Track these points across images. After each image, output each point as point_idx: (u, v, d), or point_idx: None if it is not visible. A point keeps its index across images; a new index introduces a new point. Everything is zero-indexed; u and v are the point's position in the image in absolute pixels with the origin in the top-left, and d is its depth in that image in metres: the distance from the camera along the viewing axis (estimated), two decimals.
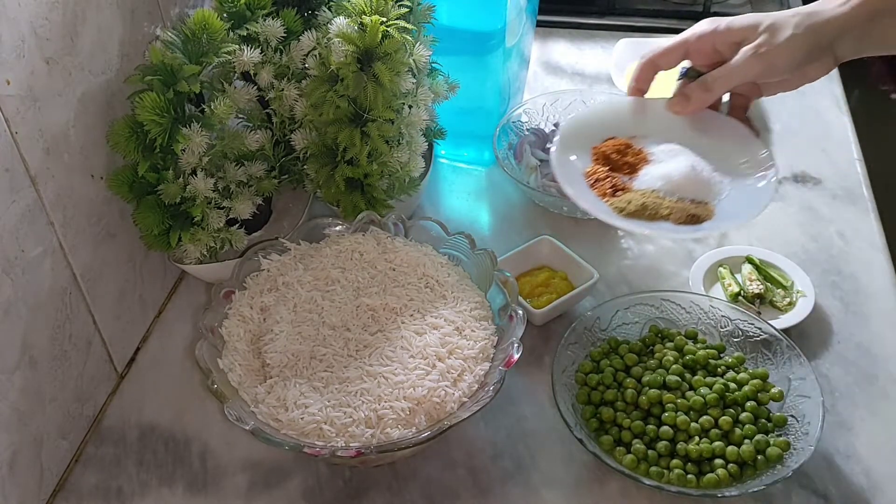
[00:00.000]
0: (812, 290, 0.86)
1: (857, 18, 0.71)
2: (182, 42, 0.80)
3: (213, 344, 0.74)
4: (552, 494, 0.73)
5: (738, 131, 0.81)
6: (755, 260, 0.90)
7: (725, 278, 0.89)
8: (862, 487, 0.72)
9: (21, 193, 0.67)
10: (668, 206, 0.77)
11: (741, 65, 0.75)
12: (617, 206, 0.77)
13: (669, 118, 0.82)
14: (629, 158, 0.81)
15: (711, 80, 0.77)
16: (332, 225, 0.84)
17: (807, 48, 0.73)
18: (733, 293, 0.87)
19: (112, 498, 0.75)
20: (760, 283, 0.87)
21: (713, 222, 0.76)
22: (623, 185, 0.79)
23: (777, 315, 0.85)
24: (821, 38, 0.72)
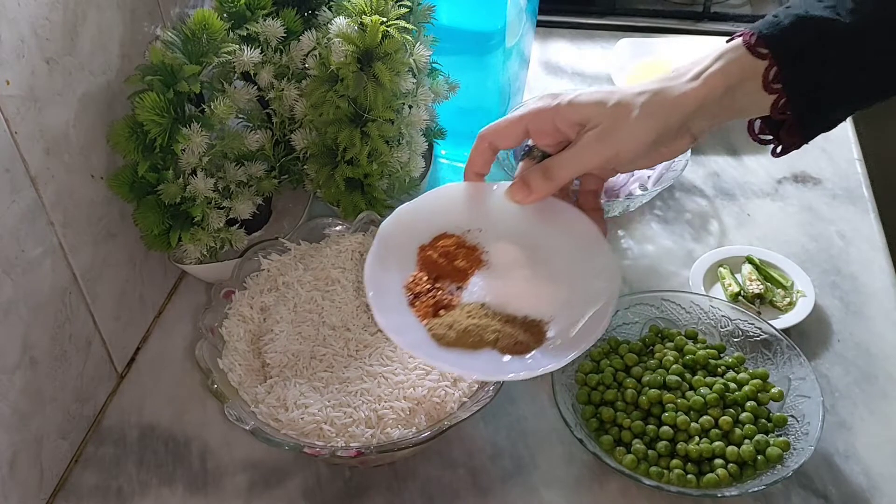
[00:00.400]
0: (812, 290, 0.86)
1: (712, 94, 0.63)
2: (182, 42, 0.80)
3: (213, 344, 0.74)
4: (552, 494, 0.73)
5: (583, 228, 0.70)
6: (755, 260, 0.90)
7: (725, 278, 0.89)
8: (862, 487, 0.72)
9: (21, 193, 0.67)
10: (496, 329, 0.65)
11: (585, 151, 0.66)
12: (437, 332, 0.65)
13: (509, 207, 0.70)
14: (460, 263, 0.70)
15: (553, 167, 0.67)
16: (332, 225, 0.84)
17: (656, 132, 0.64)
18: (733, 293, 0.87)
19: (112, 498, 0.75)
20: (760, 283, 0.87)
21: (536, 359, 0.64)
22: (448, 300, 0.68)
23: (777, 315, 0.85)
24: (671, 119, 0.64)
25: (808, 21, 0.61)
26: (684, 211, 1.00)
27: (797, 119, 0.64)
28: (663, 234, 0.97)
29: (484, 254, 0.71)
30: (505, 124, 0.70)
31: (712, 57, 0.64)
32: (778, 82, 0.62)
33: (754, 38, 0.62)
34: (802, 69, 0.62)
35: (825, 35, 0.61)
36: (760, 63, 0.62)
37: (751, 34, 0.63)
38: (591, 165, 0.67)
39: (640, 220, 0.99)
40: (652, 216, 1.00)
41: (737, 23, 1.33)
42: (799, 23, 0.61)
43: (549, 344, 0.65)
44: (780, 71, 0.62)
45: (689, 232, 0.97)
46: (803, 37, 0.61)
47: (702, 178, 1.05)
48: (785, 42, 0.61)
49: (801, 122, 0.64)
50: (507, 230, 0.71)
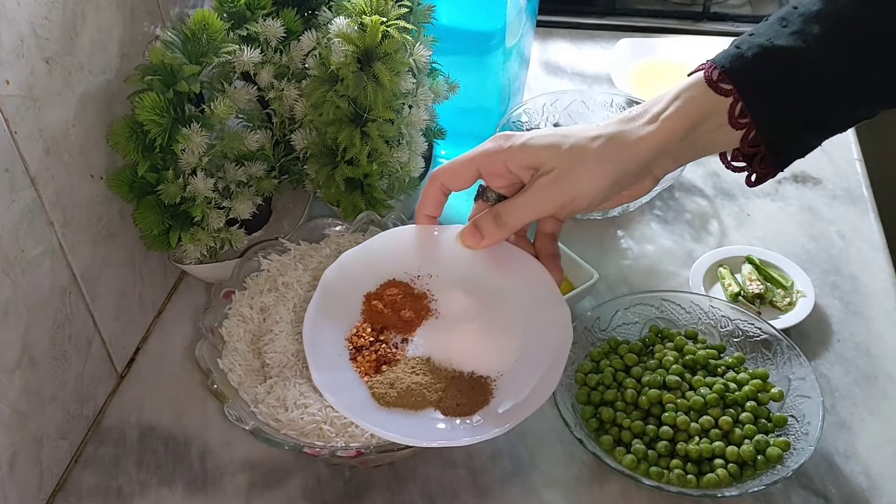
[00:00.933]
0: (812, 290, 0.86)
1: (672, 137, 0.61)
2: (182, 42, 0.80)
3: (213, 344, 0.74)
4: (552, 494, 0.73)
5: (536, 276, 0.68)
6: (755, 260, 0.90)
7: (725, 278, 0.89)
8: (862, 487, 0.72)
9: (21, 193, 0.67)
10: (439, 388, 0.64)
11: (537, 198, 0.63)
12: (377, 390, 0.64)
13: (463, 252, 0.68)
14: (406, 313, 0.68)
15: (504, 213, 0.65)
16: (332, 225, 0.84)
17: (613, 177, 0.62)
18: (733, 293, 0.87)
19: (112, 498, 0.75)
20: (760, 283, 0.87)
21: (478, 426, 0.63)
22: (392, 353, 0.66)
23: (777, 315, 0.85)
24: (629, 164, 0.62)
25: (773, 52, 0.58)
26: (684, 211, 1.00)
27: (769, 150, 0.61)
28: (663, 234, 0.97)
29: (432, 302, 0.69)
30: (456, 166, 0.67)
31: (670, 96, 0.62)
32: (745, 117, 0.60)
33: (717, 73, 0.60)
34: (771, 102, 0.59)
35: (792, 65, 0.58)
36: (724, 100, 0.60)
37: (712, 68, 0.60)
38: (544, 211, 0.65)
39: (640, 220, 0.99)
40: (652, 216, 1.00)
41: (737, 23, 1.33)
42: (764, 54, 0.59)
43: (494, 405, 0.63)
44: (746, 105, 0.59)
45: (689, 232, 0.97)
46: (769, 69, 0.59)
47: (702, 178, 1.05)
48: (750, 75, 0.59)
49: (774, 153, 0.61)
50: (459, 276, 0.69)
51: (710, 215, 1.00)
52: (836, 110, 0.60)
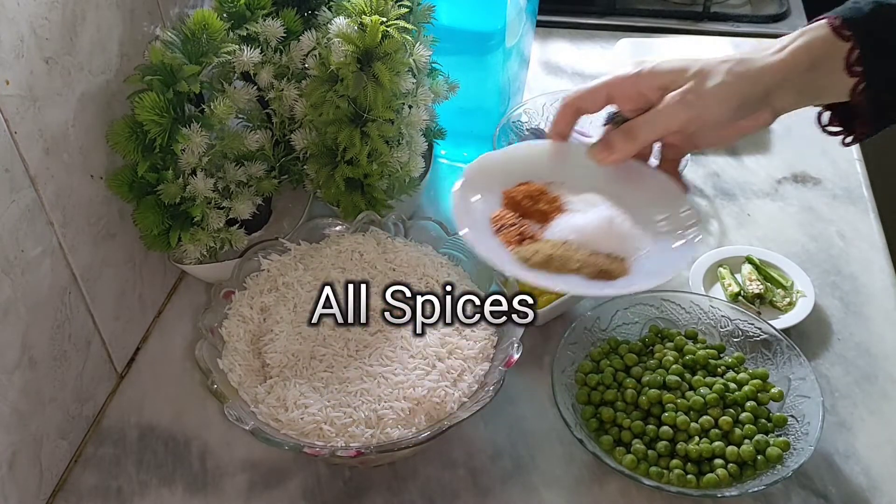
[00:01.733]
0: (812, 289, 0.86)
1: (795, 67, 0.65)
2: (182, 42, 0.80)
3: (213, 344, 0.74)
4: (552, 494, 0.73)
5: (663, 185, 0.73)
6: (755, 260, 0.90)
7: (725, 278, 0.89)
8: (862, 487, 0.72)
9: (21, 193, 0.67)
10: (580, 259, 0.68)
11: (666, 112, 0.67)
12: (522, 255, 0.68)
13: (591, 166, 0.72)
14: (542, 206, 0.72)
15: (635, 127, 0.69)
16: (332, 225, 0.84)
17: (738, 98, 0.66)
18: (733, 293, 0.87)
19: (112, 498, 0.75)
20: (760, 283, 0.87)
21: (626, 280, 0.68)
22: (532, 233, 0.70)
23: (777, 315, 0.85)
24: (754, 87, 0.65)
25: (886, 9, 0.63)
26: None
27: (872, 106, 0.65)
28: None
29: (566, 203, 0.73)
30: (589, 89, 0.72)
31: (796, 33, 0.66)
32: (859, 65, 0.63)
33: (838, 21, 0.64)
34: (882, 55, 0.63)
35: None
36: (843, 44, 0.63)
37: (833, 17, 0.64)
38: (672, 126, 0.68)
39: None
40: None
41: (737, 23, 1.33)
42: (878, 9, 0.63)
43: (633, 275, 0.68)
44: (862, 55, 0.63)
45: None
46: (882, 23, 0.63)
47: (702, 178, 1.05)
48: (866, 27, 0.63)
49: (876, 110, 0.65)
50: (588, 185, 0.73)
51: (710, 215, 1.00)
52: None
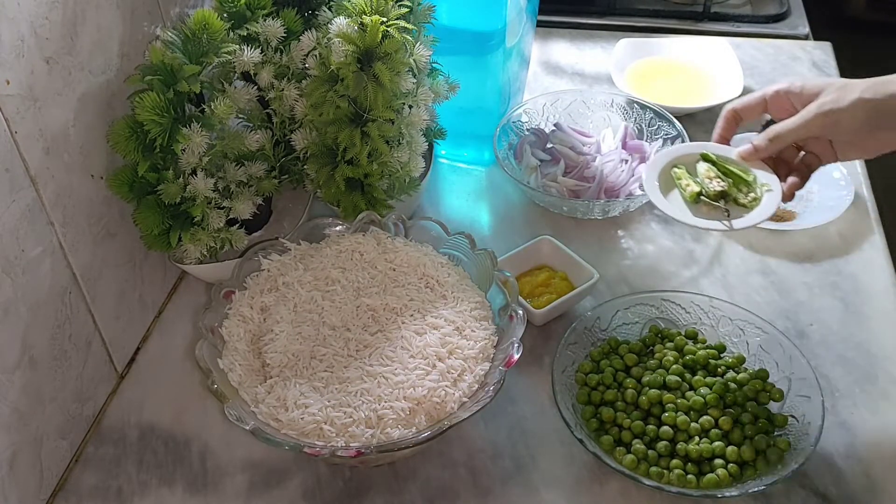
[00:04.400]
0: (778, 184, 0.81)
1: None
2: (182, 42, 0.80)
3: (213, 344, 0.74)
4: (552, 494, 0.73)
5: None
6: (711, 156, 0.83)
7: (682, 178, 0.83)
8: (862, 487, 0.72)
9: (21, 193, 0.67)
10: None
11: (804, 119, 0.76)
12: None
13: None
14: None
15: (778, 130, 0.79)
16: (333, 225, 0.84)
17: (871, 112, 0.73)
18: (693, 194, 0.81)
19: (112, 498, 0.75)
20: (721, 179, 0.81)
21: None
22: None
23: (743, 213, 0.80)
24: (889, 105, 0.72)
25: None
26: None
27: None
28: (663, 234, 0.97)
29: None
30: (750, 99, 0.82)
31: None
32: None
33: None
34: None
35: None
36: None
37: None
38: (808, 131, 0.76)
39: (640, 220, 0.99)
40: (652, 216, 1.00)
41: (737, 23, 1.33)
42: None
43: None
44: None
45: (689, 232, 0.97)
46: None
47: None
48: None
49: None
50: None
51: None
52: None
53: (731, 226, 0.80)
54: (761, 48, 1.27)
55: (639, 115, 1.05)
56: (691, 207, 0.81)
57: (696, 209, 0.81)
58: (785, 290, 0.90)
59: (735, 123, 0.83)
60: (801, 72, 1.22)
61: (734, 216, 0.80)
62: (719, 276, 0.92)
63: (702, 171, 0.83)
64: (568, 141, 1.04)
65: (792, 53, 1.26)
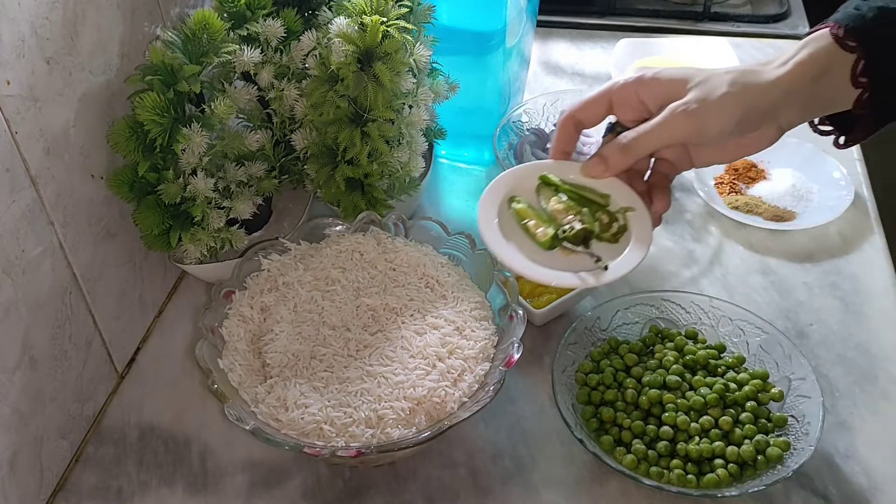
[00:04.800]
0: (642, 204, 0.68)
1: (800, 81, 0.63)
2: (182, 42, 0.80)
3: (213, 344, 0.74)
4: (552, 494, 0.73)
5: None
6: (552, 178, 0.69)
7: (528, 218, 0.68)
8: (862, 487, 0.72)
9: (21, 193, 0.67)
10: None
11: (667, 123, 0.64)
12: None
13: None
14: None
15: (631, 139, 0.66)
16: (333, 225, 0.84)
17: (742, 111, 0.63)
18: (548, 239, 0.66)
19: (112, 498, 0.75)
20: (578, 213, 0.67)
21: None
22: None
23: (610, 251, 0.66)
24: (759, 101, 0.63)
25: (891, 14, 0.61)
26: (684, 211, 1.00)
27: (875, 113, 0.63)
28: (663, 234, 0.97)
29: None
30: (588, 99, 0.69)
31: (798, 45, 0.64)
32: (865, 76, 0.62)
33: (841, 31, 0.61)
34: (886, 63, 0.61)
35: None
36: (848, 55, 0.61)
37: (836, 26, 0.62)
38: (671, 139, 0.65)
39: None
40: None
41: (737, 23, 1.33)
42: (882, 16, 0.61)
43: None
44: (868, 65, 0.61)
45: (689, 232, 0.97)
46: (888, 30, 0.61)
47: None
48: (873, 36, 0.61)
49: (879, 116, 0.64)
50: None
51: (710, 215, 0.99)
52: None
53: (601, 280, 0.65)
54: (761, 48, 1.27)
55: None
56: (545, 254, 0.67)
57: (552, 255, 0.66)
58: (785, 290, 0.90)
59: (576, 132, 0.70)
60: None
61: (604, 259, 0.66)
62: (719, 276, 0.92)
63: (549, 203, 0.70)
64: None
65: None
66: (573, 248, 0.66)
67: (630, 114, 0.68)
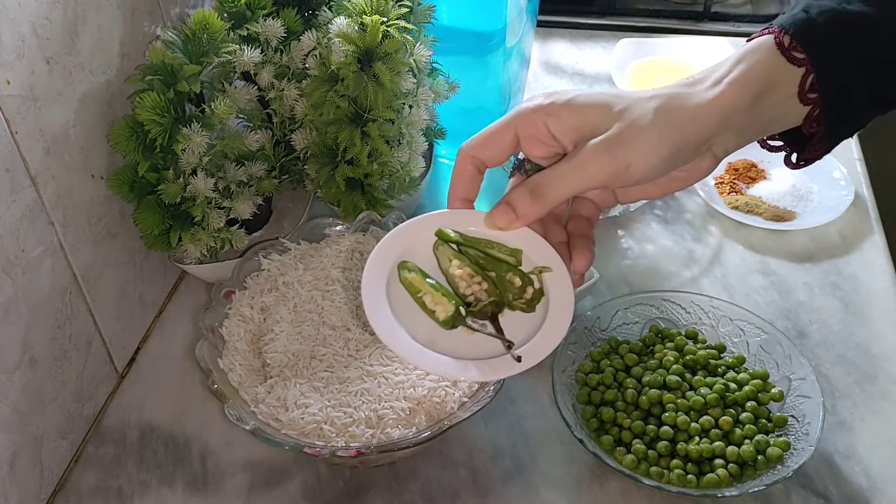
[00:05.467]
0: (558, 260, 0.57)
1: (736, 103, 0.53)
2: (182, 42, 0.80)
3: (213, 344, 0.74)
4: (552, 494, 0.73)
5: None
6: (448, 234, 0.58)
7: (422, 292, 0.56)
8: (862, 487, 0.72)
9: (21, 193, 0.67)
10: None
11: (584, 165, 0.53)
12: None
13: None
14: None
15: (544, 184, 0.54)
16: (333, 225, 0.84)
17: (673, 144, 0.53)
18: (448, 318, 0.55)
19: (112, 498, 0.75)
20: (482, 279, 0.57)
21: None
22: None
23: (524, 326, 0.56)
24: (690, 131, 0.53)
25: (845, 18, 0.51)
26: (684, 211, 1.00)
27: (827, 130, 0.54)
28: (663, 234, 0.97)
29: None
30: (489, 133, 0.57)
31: (734, 59, 0.54)
32: (814, 92, 0.52)
33: (787, 39, 0.52)
34: (840, 76, 0.52)
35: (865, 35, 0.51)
36: (795, 70, 0.52)
37: (781, 32, 0.52)
38: (593, 181, 0.54)
39: (640, 220, 0.99)
40: (652, 216, 1.00)
41: (737, 23, 1.33)
42: (835, 21, 0.52)
43: None
44: (818, 79, 0.52)
45: (689, 232, 0.97)
46: (842, 39, 0.52)
47: None
48: (824, 45, 0.52)
49: (830, 134, 0.54)
50: None
51: (710, 215, 1.00)
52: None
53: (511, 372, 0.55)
54: None
55: None
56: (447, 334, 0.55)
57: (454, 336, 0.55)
58: (785, 290, 0.90)
59: (479, 174, 0.58)
60: None
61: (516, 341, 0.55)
62: (719, 276, 0.92)
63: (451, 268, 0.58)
64: None
65: None
66: (478, 327, 0.55)
67: (540, 149, 0.56)
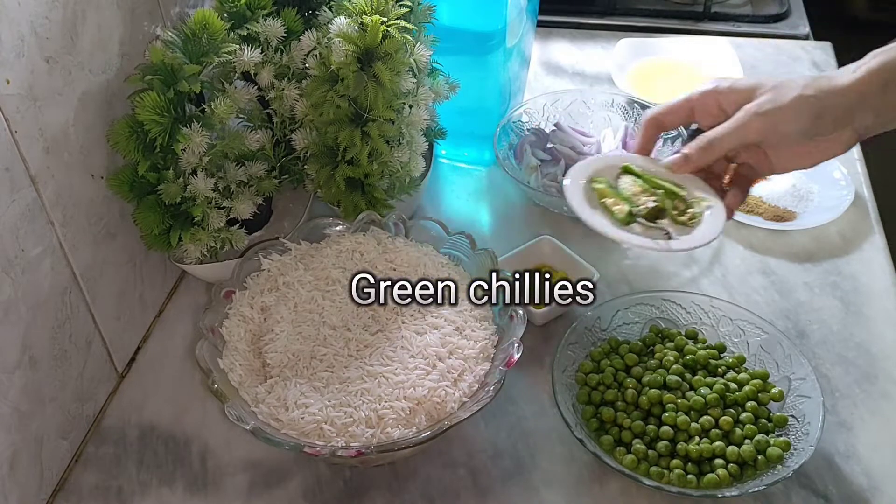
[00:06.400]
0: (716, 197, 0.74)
1: (870, 87, 0.66)
2: (182, 42, 0.80)
3: (213, 344, 0.74)
4: (552, 494, 0.73)
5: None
6: (634, 169, 0.76)
7: (607, 196, 0.74)
8: (862, 487, 0.72)
9: (21, 193, 0.67)
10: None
11: (742, 123, 0.69)
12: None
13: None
14: None
15: (710, 137, 0.72)
16: (333, 225, 0.84)
17: (814, 112, 0.67)
18: (625, 214, 0.73)
19: (112, 498, 0.75)
20: (652, 194, 0.74)
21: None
22: None
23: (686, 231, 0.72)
24: (831, 105, 0.67)
25: None
26: None
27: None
28: None
29: None
30: (672, 105, 0.74)
31: (870, 55, 0.66)
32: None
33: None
34: None
35: None
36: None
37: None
38: (747, 137, 0.70)
39: None
40: None
41: (737, 23, 1.33)
42: None
43: None
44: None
45: None
46: None
47: None
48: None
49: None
50: None
51: None
52: None
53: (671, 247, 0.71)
54: (762, 48, 1.27)
55: (639, 115, 1.05)
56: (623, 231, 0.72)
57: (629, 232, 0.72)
58: (785, 290, 0.90)
59: (658, 132, 0.77)
60: (802, 72, 1.22)
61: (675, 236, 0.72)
62: (719, 276, 0.92)
63: (627, 185, 0.75)
64: (568, 141, 1.03)
65: (792, 53, 1.26)
66: (647, 223, 0.72)
67: (710, 120, 0.73)
